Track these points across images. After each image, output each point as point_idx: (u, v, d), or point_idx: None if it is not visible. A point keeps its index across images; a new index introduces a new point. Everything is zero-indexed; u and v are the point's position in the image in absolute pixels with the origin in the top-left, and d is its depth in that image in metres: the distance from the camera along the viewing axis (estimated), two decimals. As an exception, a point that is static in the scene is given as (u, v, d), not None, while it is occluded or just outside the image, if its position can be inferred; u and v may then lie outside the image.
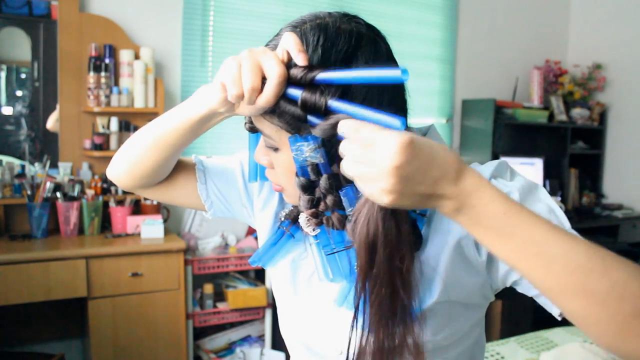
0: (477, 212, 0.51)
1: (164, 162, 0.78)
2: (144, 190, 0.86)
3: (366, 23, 0.65)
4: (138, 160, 0.78)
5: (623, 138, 3.89)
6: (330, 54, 0.61)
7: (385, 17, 3.30)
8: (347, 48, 0.61)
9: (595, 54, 3.98)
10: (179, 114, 0.70)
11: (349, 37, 0.62)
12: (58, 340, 2.57)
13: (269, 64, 0.58)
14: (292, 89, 0.59)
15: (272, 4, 2.95)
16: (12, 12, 2.43)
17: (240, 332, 2.74)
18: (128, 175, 0.81)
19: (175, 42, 2.77)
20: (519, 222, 0.51)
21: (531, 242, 0.50)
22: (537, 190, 0.64)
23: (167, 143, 0.74)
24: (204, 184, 0.87)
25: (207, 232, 2.73)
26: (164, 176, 0.84)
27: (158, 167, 0.79)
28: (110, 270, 2.21)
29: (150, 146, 0.76)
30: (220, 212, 0.89)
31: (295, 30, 0.63)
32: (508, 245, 0.51)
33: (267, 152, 0.69)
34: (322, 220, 0.69)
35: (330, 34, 0.61)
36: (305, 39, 0.62)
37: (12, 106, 2.53)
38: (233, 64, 0.59)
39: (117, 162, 0.83)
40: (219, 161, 0.89)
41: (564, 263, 0.49)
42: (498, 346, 2.08)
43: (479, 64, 3.74)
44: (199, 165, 0.87)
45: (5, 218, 2.44)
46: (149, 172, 0.80)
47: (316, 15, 0.65)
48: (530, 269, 0.51)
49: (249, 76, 0.58)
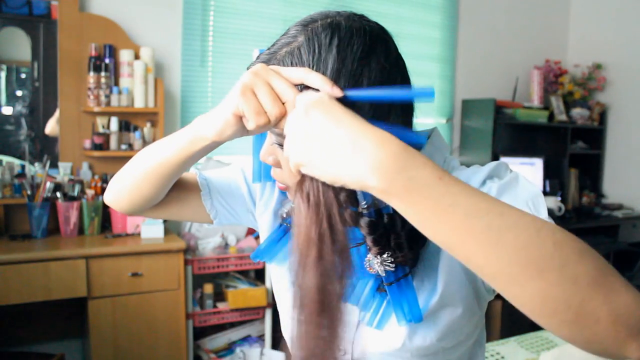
0: (410, 177, 0.45)
1: (161, 188, 0.78)
2: (144, 213, 0.86)
3: (374, 22, 0.65)
4: (135, 187, 0.78)
5: (623, 138, 3.89)
6: (346, 55, 0.59)
7: (385, 17, 3.30)
8: (363, 47, 0.60)
9: (595, 54, 3.98)
10: (178, 144, 0.69)
11: (363, 36, 0.61)
12: (58, 340, 2.57)
13: (284, 88, 0.57)
14: None
15: (272, 4, 2.95)
16: (12, 12, 2.43)
17: (240, 332, 2.74)
18: (125, 201, 0.81)
19: (175, 42, 2.77)
20: (458, 189, 0.45)
21: (475, 212, 0.44)
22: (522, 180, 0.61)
23: (164, 172, 0.73)
24: (208, 193, 0.86)
25: (207, 232, 2.73)
26: (161, 198, 0.83)
27: (156, 194, 0.79)
28: (110, 270, 2.21)
29: (147, 174, 0.75)
30: (225, 220, 0.89)
31: (305, 29, 0.62)
32: (450, 218, 0.45)
33: (274, 150, 0.68)
34: None
35: (343, 34, 0.60)
36: (317, 40, 0.60)
37: (12, 106, 2.53)
38: (247, 92, 0.57)
39: (114, 188, 0.82)
40: (219, 172, 0.89)
41: (513, 238, 0.43)
42: (498, 346, 2.08)
43: (479, 64, 3.74)
44: (201, 179, 0.87)
45: (5, 218, 2.44)
46: (146, 198, 0.79)
47: (326, 14, 0.63)
48: (476, 247, 0.44)
49: (273, 105, 0.56)
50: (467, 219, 0.44)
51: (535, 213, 0.57)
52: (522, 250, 0.43)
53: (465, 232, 0.45)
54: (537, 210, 0.57)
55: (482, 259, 0.45)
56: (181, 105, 2.80)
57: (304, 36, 0.61)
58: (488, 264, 0.45)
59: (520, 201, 0.59)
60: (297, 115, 0.52)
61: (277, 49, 0.62)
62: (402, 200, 0.46)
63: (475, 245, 0.44)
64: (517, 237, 0.44)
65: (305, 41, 0.61)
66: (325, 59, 0.59)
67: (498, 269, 0.44)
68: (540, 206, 0.58)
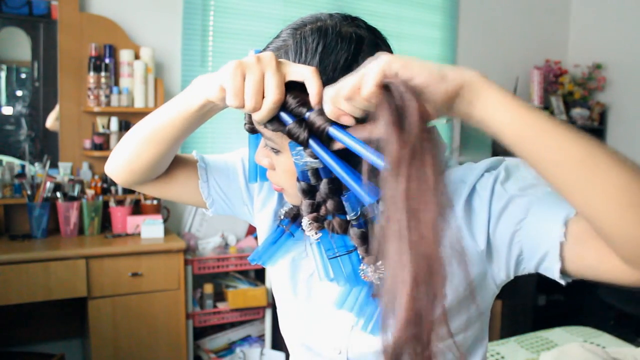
0: (496, 91, 0.51)
1: (162, 156, 0.76)
2: (143, 186, 0.85)
3: (367, 25, 0.65)
4: (135, 154, 0.77)
5: (623, 138, 3.89)
6: (329, 62, 0.60)
7: (385, 17, 3.30)
8: (347, 55, 0.61)
9: (595, 54, 3.98)
10: (175, 106, 0.70)
11: (349, 42, 0.61)
12: (58, 340, 2.57)
13: (270, 86, 0.57)
14: (284, 114, 0.59)
15: (272, 4, 2.95)
16: (12, 12, 2.43)
17: (240, 332, 2.74)
18: (126, 170, 0.80)
19: (175, 42, 2.77)
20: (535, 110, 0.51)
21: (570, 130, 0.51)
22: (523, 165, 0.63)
23: (164, 136, 0.73)
24: (206, 181, 0.85)
25: (207, 232, 2.73)
26: (162, 170, 0.83)
27: (156, 162, 0.77)
28: (110, 270, 2.21)
29: (147, 140, 0.74)
30: (221, 210, 0.89)
31: (295, 32, 0.63)
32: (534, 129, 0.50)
33: (268, 153, 0.68)
34: (324, 224, 0.69)
35: (329, 40, 0.61)
36: (304, 44, 0.61)
37: (12, 106, 2.53)
38: (237, 72, 0.57)
39: (114, 157, 0.81)
40: (220, 158, 0.88)
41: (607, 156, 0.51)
42: (498, 346, 2.08)
43: (479, 64, 3.74)
44: (201, 162, 0.86)
45: (5, 218, 2.44)
46: (147, 167, 0.78)
47: (317, 17, 0.64)
48: (554, 160, 0.50)
49: (251, 96, 0.57)
50: (570, 133, 0.51)
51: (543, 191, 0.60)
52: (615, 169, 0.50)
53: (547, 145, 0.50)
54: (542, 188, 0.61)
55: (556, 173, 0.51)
56: (181, 105, 2.80)
57: (292, 40, 0.62)
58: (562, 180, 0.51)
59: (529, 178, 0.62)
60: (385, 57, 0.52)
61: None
62: (491, 107, 0.51)
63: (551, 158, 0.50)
64: (611, 156, 0.51)
65: (293, 45, 0.62)
66: (309, 63, 0.60)
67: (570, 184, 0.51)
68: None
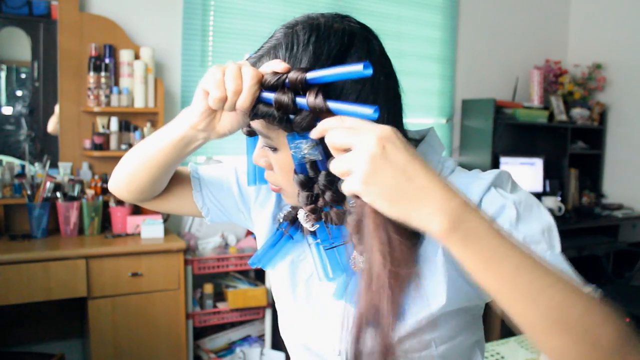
0: (472, 229, 0.49)
1: (156, 179, 0.81)
2: (144, 203, 0.90)
3: (358, 22, 0.66)
4: (132, 176, 0.82)
5: (623, 138, 3.89)
6: (322, 52, 0.61)
7: (385, 17, 3.30)
8: (340, 47, 0.62)
9: (595, 54, 3.98)
10: (164, 135, 0.73)
11: (341, 35, 0.62)
12: (58, 340, 2.57)
13: (246, 69, 0.61)
14: (267, 93, 0.61)
15: (272, 4, 2.95)
16: (12, 12, 2.43)
17: (240, 332, 2.74)
18: (124, 190, 0.85)
19: (175, 42, 2.77)
20: (510, 245, 0.50)
21: (523, 267, 0.49)
22: (535, 207, 0.62)
23: (155, 163, 0.77)
24: (199, 191, 0.89)
25: (207, 232, 2.73)
26: (160, 190, 0.87)
27: (152, 184, 0.82)
28: (110, 270, 2.21)
29: (141, 165, 0.79)
30: (217, 218, 0.92)
31: (288, 30, 0.64)
32: (500, 271, 0.49)
33: (265, 153, 0.69)
34: (321, 215, 0.70)
35: (322, 33, 0.62)
36: (297, 38, 0.63)
37: (12, 106, 2.53)
38: (217, 69, 0.62)
39: (114, 177, 0.87)
40: (213, 169, 0.91)
41: (549, 296, 0.49)
42: (498, 346, 2.08)
43: (479, 64, 3.74)
44: (194, 173, 0.90)
45: (5, 218, 2.44)
46: (144, 188, 0.83)
47: (309, 16, 0.66)
48: (517, 298, 0.49)
49: (231, 80, 0.60)
50: (516, 270, 0.49)
51: (549, 242, 0.60)
52: (555, 309, 0.48)
53: (512, 284, 0.49)
54: (551, 239, 0.60)
55: (520, 308, 0.50)
56: (181, 105, 2.80)
57: (284, 37, 0.64)
58: (524, 313, 0.50)
59: (535, 230, 0.60)
60: (369, 145, 0.51)
61: (262, 52, 0.65)
62: (460, 245, 0.50)
63: (517, 296, 0.49)
64: (552, 296, 0.49)
65: (284, 41, 0.64)
66: (300, 55, 0.62)
67: (531, 320, 0.50)
68: (554, 237, 0.61)
